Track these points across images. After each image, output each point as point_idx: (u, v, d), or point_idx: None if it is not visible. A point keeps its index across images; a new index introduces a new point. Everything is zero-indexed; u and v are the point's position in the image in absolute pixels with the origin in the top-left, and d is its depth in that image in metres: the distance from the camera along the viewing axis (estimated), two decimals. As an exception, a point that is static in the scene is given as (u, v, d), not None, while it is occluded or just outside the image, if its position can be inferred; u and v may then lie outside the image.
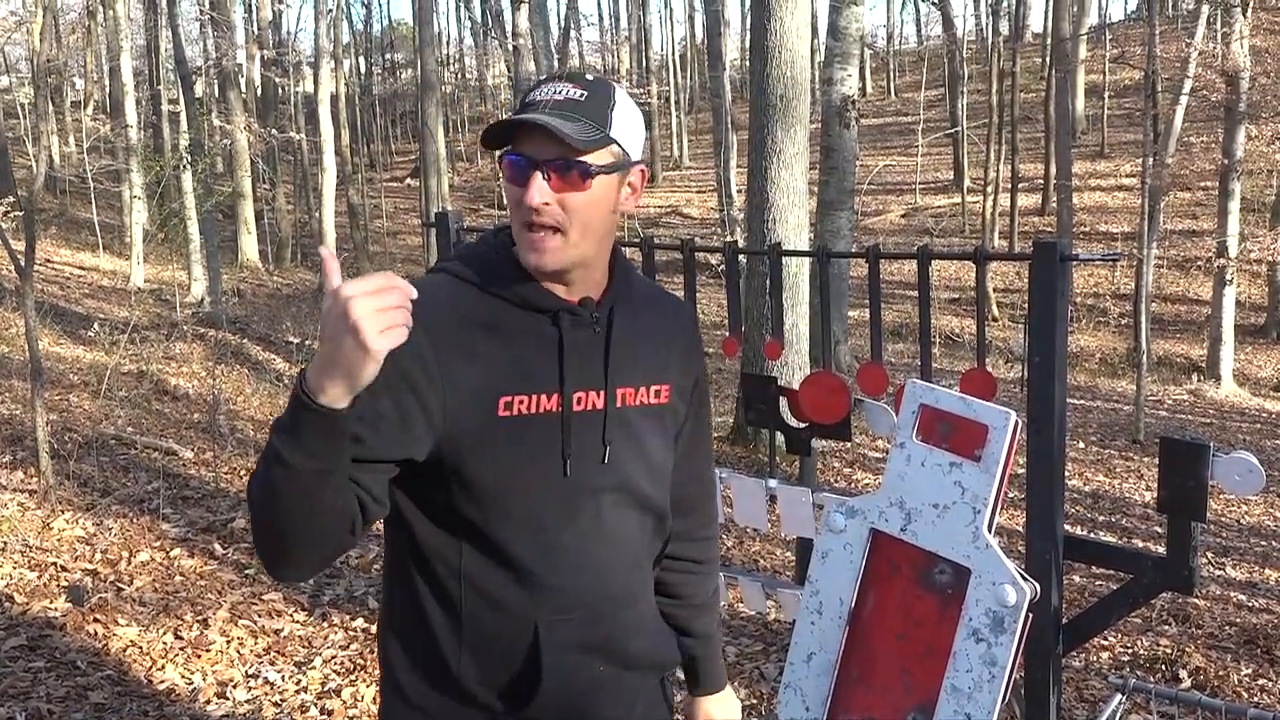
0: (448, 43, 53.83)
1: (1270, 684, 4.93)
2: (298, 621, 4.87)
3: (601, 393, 1.62)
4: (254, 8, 31.49)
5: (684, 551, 1.86)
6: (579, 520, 1.61)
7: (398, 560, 1.65)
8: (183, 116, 21.02)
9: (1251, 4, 17.09)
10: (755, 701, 4.29)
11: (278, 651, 4.56)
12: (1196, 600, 5.98)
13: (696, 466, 1.86)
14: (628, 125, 1.57)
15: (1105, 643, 5.24)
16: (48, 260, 18.68)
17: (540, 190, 1.50)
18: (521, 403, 1.55)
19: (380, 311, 1.26)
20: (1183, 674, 4.89)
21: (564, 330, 1.58)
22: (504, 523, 1.55)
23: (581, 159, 1.52)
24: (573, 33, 38.70)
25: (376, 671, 4.35)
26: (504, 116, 1.55)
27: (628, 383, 1.66)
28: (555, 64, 19.79)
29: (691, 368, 1.80)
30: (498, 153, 1.56)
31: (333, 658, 4.51)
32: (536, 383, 1.56)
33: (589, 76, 1.58)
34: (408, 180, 39.48)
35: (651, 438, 1.70)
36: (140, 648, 4.46)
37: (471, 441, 1.52)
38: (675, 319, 1.78)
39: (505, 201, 1.57)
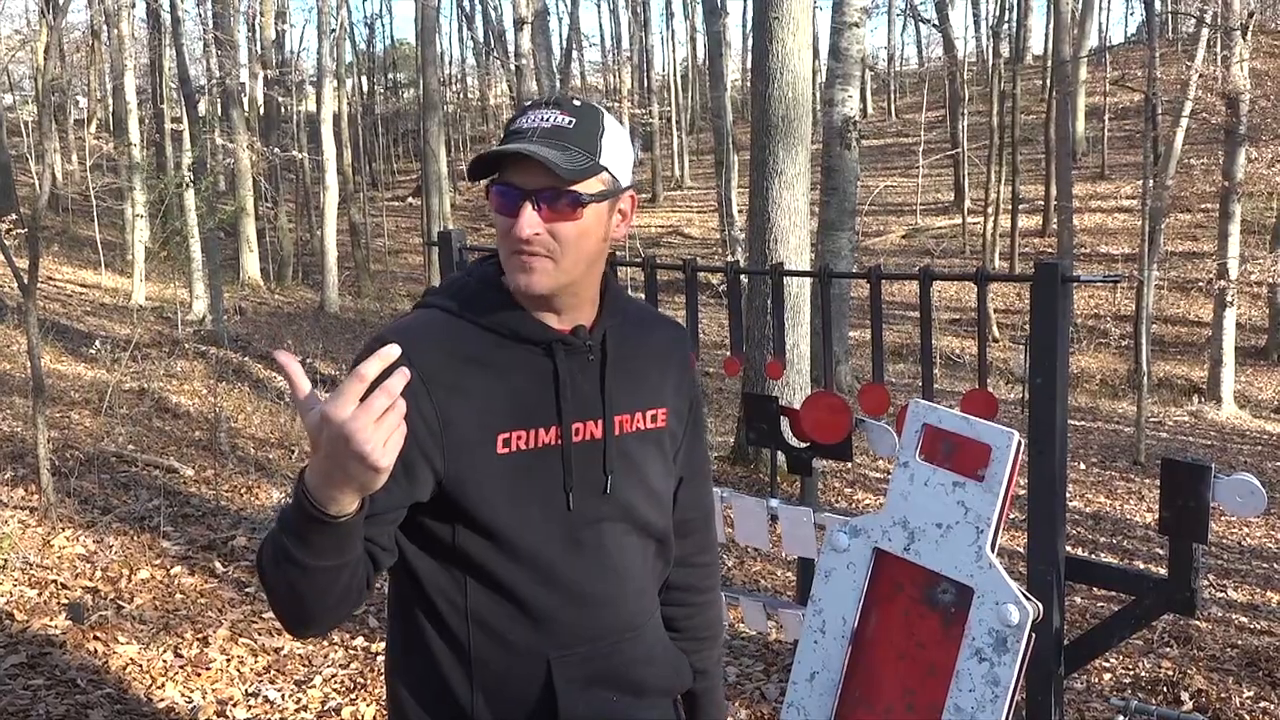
0: (450, 63, 54.04)
1: (1272, 706, 4.91)
2: (298, 640, 4.86)
3: (600, 422, 1.60)
4: (258, 27, 31.59)
5: (683, 579, 1.83)
6: (584, 552, 1.59)
7: (402, 597, 1.63)
8: (186, 135, 21.08)
9: (1251, 27, 17.16)
10: (756, 722, 4.28)
11: (278, 670, 4.55)
12: (1198, 622, 5.97)
13: (695, 491, 1.83)
14: (617, 151, 1.56)
15: (1107, 664, 5.23)
16: (50, 278, 18.70)
17: (530, 221, 1.49)
18: (520, 439, 1.54)
19: (378, 425, 1.24)
20: (1184, 696, 4.88)
21: (558, 362, 1.56)
22: (508, 559, 1.53)
23: (572, 188, 1.50)
24: (575, 53, 38.90)
25: (376, 690, 4.35)
26: (493, 145, 1.54)
27: (625, 409, 1.64)
28: (557, 84, 19.86)
29: (687, 389, 1.78)
30: (482, 182, 1.55)
31: (333, 676, 4.50)
32: (534, 417, 1.55)
33: (576, 102, 1.55)
34: (410, 199, 39.57)
35: (651, 463, 1.68)
36: (140, 666, 4.45)
37: (473, 481, 1.51)
38: (668, 340, 1.76)
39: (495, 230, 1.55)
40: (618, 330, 1.64)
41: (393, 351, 1.28)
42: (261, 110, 31.46)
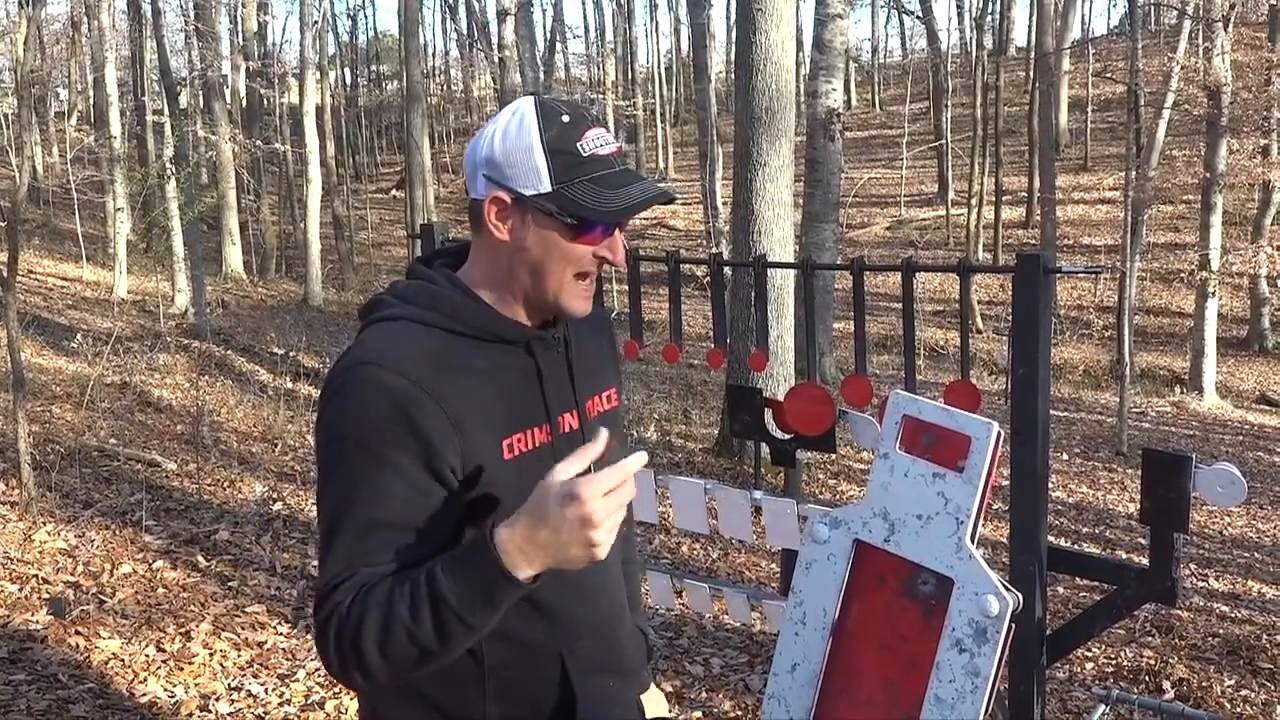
0: (433, 54, 53.86)
1: (1253, 695, 4.94)
2: (281, 634, 4.85)
3: (575, 412, 1.63)
4: (239, 19, 31.41)
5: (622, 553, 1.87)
6: None
7: None
8: (167, 127, 20.96)
9: (1232, 19, 17.22)
10: (740, 713, 4.29)
11: (261, 664, 4.54)
12: (1179, 611, 6.00)
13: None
14: None
15: (1089, 654, 5.25)
16: (30, 271, 18.58)
17: (622, 248, 1.55)
18: (520, 441, 1.54)
19: (616, 513, 1.29)
20: (1166, 685, 4.91)
21: (539, 358, 1.57)
22: None
23: None
24: (558, 45, 38.81)
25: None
26: (543, 158, 1.49)
27: (589, 395, 1.68)
28: (541, 76, 19.81)
29: (619, 365, 1.86)
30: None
31: (316, 670, 4.49)
32: (526, 418, 1.55)
33: (587, 106, 1.58)
34: (393, 192, 39.45)
35: (614, 443, 1.69)
36: (122, 660, 4.44)
37: (485, 487, 1.49)
38: (599, 324, 1.79)
39: (543, 254, 1.52)
40: (568, 321, 1.66)
41: (642, 458, 1.34)
42: (244, 102, 31.30)
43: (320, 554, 1.46)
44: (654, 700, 1.91)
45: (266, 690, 4.30)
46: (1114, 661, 5.21)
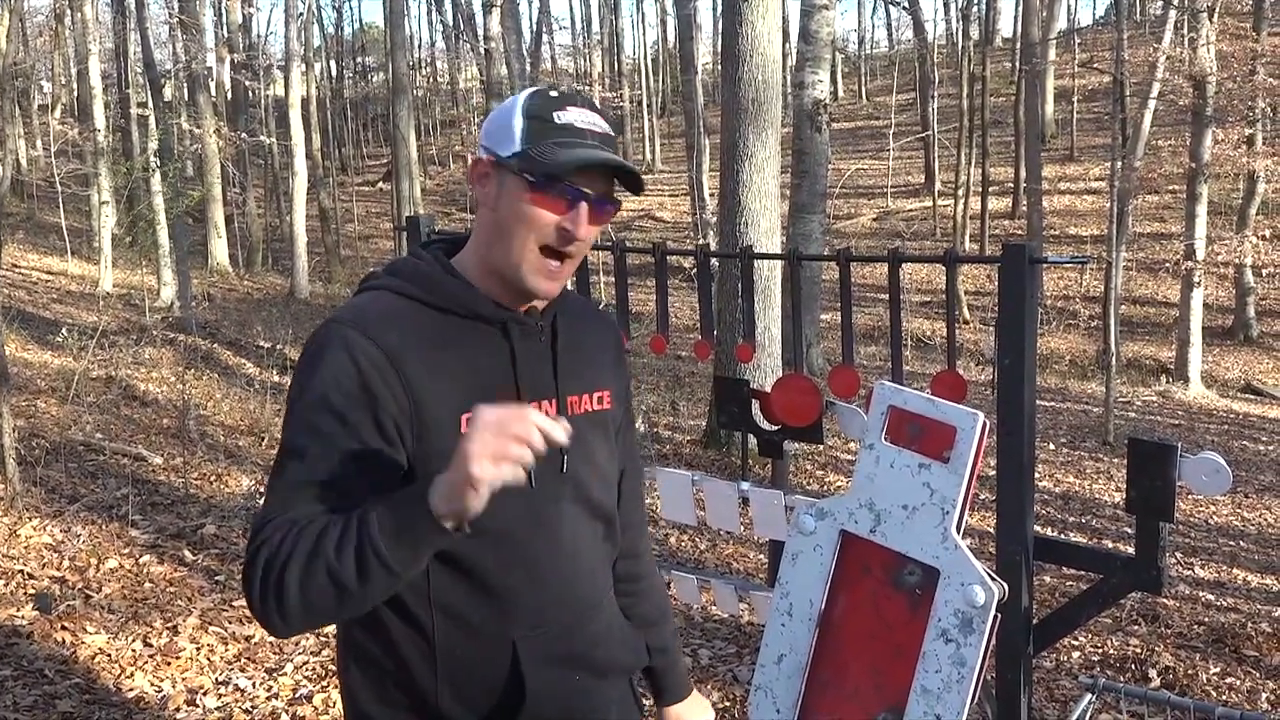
0: (419, 46, 53.71)
1: (1238, 683, 4.97)
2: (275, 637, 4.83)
3: (554, 401, 1.63)
4: (224, 11, 31.30)
5: (627, 570, 1.86)
6: (543, 531, 1.61)
7: None
8: (152, 120, 20.84)
9: (1217, 9, 17.26)
10: (729, 704, 4.29)
11: (248, 658, 4.53)
12: (1165, 600, 6.03)
13: (635, 483, 1.89)
14: None
15: (1075, 643, 5.27)
16: (14, 265, 18.50)
17: (586, 224, 1.52)
18: None
19: (498, 447, 1.28)
20: (1152, 673, 4.93)
21: (514, 341, 1.59)
22: (475, 540, 1.48)
23: (616, 197, 1.56)
24: (545, 36, 38.70)
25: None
26: (519, 128, 1.53)
27: (575, 390, 1.68)
28: (527, 68, 19.76)
29: (624, 376, 1.84)
30: (523, 172, 1.52)
31: (304, 664, 4.48)
32: (494, 396, 1.53)
33: (595, 100, 1.60)
34: (379, 184, 39.32)
35: (599, 445, 1.72)
36: (109, 655, 4.42)
37: (439, 460, 1.45)
38: (606, 330, 1.82)
39: (509, 215, 1.54)
40: (564, 315, 1.68)
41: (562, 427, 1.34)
42: (229, 95, 31.16)
43: (265, 492, 1.51)
44: (692, 706, 1.93)
45: (254, 684, 4.29)
46: (1100, 650, 5.23)
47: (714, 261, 8.19)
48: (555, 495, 1.62)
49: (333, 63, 48.72)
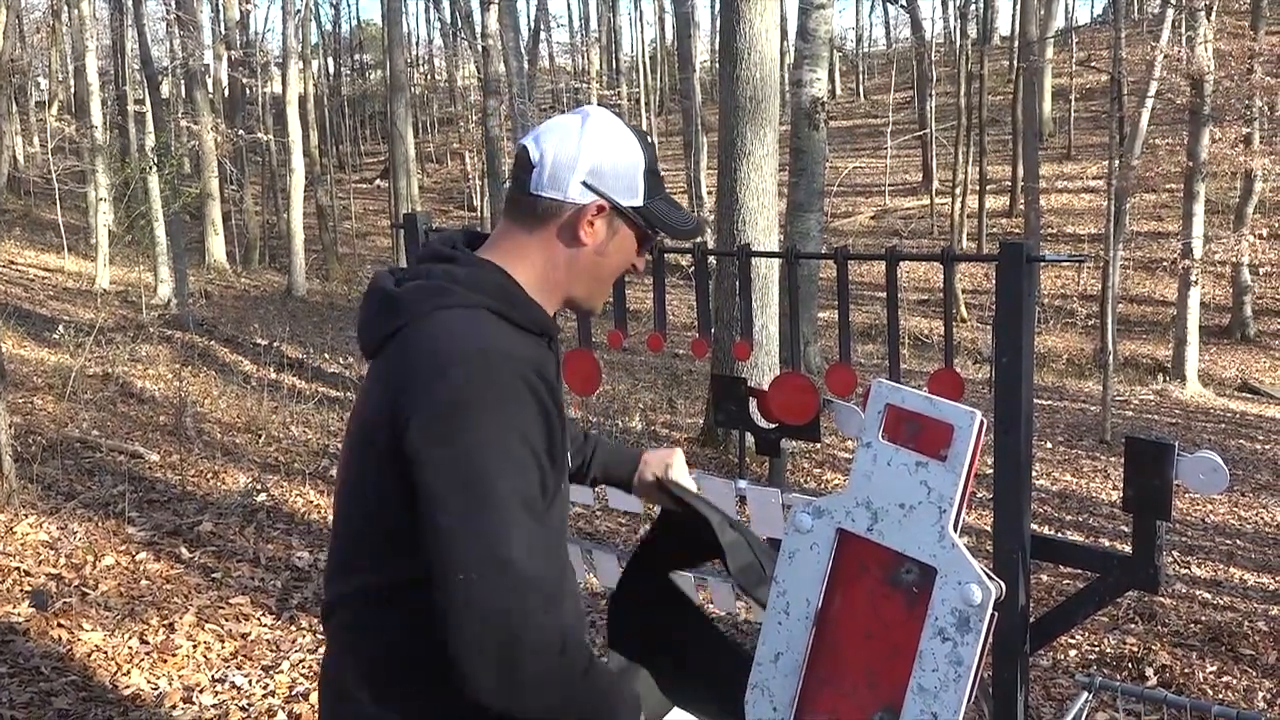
0: (417, 43, 53.63)
1: (1235, 681, 4.97)
2: (265, 625, 4.83)
3: None
4: (221, 8, 31.24)
5: None
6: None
7: (411, 605, 1.51)
8: (149, 117, 20.82)
9: (1215, 8, 17.27)
10: (725, 702, 4.29)
11: (245, 655, 4.53)
12: (1162, 599, 6.03)
13: None
14: None
15: (1072, 641, 5.28)
16: (11, 262, 18.48)
17: None
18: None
19: None
20: (1149, 672, 4.93)
21: (558, 353, 1.68)
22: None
23: None
24: (542, 34, 38.67)
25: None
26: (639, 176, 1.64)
27: None
28: (525, 65, 19.73)
29: None
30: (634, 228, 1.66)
31: (301, 661, 4.48)
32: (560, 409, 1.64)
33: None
34: (377, 181, 39.30)
35: None
36: (105, 653, 4.42)
37: (563, 483, 1.62)
38: None
39: (617, 259, 1.67)
40: None
41: None
42: (226, 92, 31.14)
43: (468, 516, 1.42)
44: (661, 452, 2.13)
45: (251, 682, 4.29)
46: (1097, 649, 5.23)
47: (711, 259, 8.19)
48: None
49: (330, 60, 48.70)
